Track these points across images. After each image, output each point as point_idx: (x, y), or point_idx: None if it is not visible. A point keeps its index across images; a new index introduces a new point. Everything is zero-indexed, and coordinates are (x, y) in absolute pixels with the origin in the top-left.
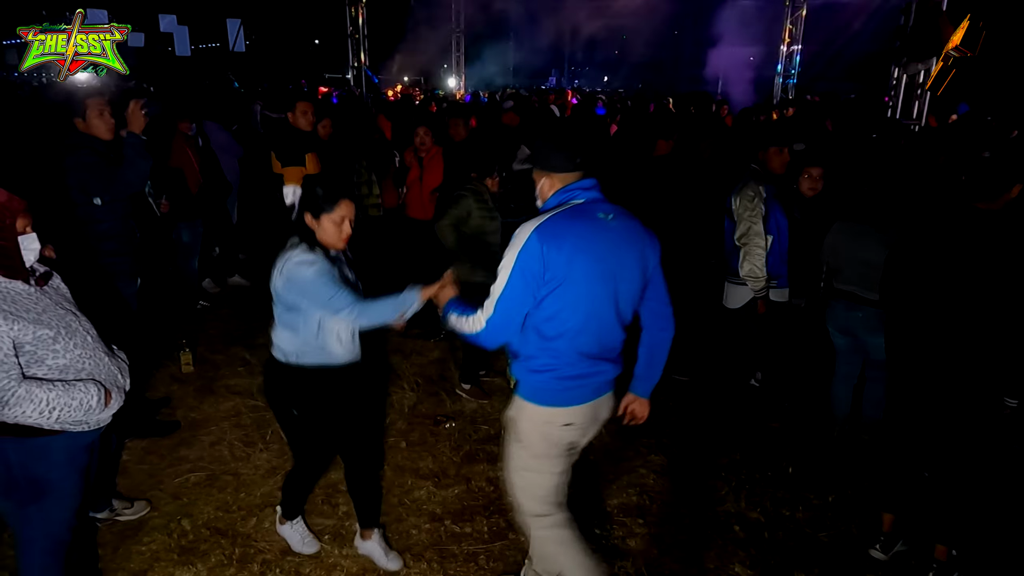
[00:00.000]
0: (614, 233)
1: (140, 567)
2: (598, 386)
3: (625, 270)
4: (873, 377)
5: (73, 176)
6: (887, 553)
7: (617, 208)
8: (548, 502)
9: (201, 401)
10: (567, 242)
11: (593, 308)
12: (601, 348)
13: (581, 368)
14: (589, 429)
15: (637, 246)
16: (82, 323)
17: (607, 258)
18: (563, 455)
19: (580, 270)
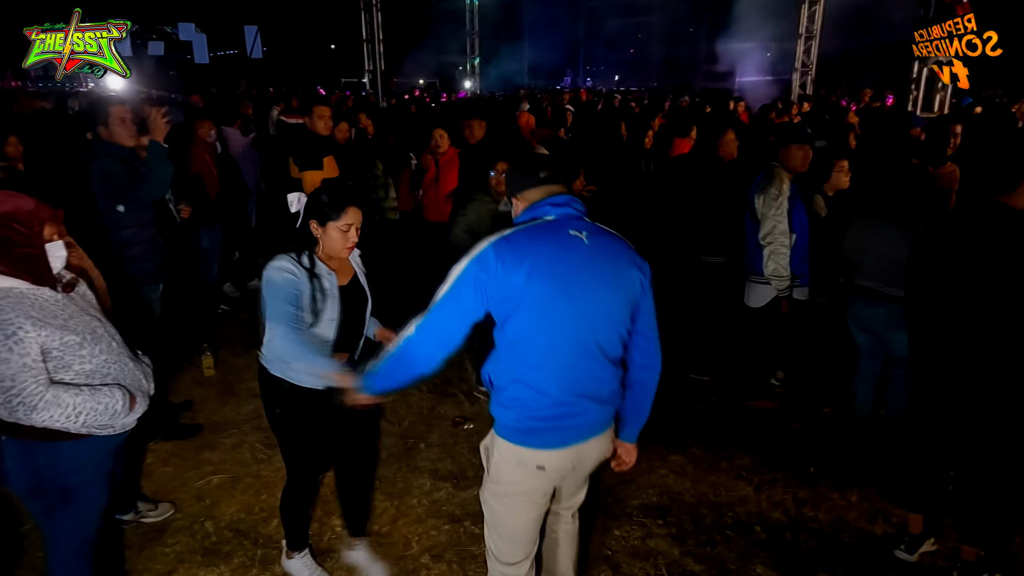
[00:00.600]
0: (588, 253)
1: (165, 568)
2: (578, 428)
3: (603, 293)
4: (896, 375)
5: (97, 183)
6: (913, 553)
7: (595, 226)
8: (515, 544)
9: (223, 404)
10: (526, 260)
11: (559, 337)
12: (577, 384)
13: (553, 406)
14: (572, 476)
15: (618, 268)
16: (107, 329)
17: (576, 281)
18: (537, 501)
19: (538, 292)
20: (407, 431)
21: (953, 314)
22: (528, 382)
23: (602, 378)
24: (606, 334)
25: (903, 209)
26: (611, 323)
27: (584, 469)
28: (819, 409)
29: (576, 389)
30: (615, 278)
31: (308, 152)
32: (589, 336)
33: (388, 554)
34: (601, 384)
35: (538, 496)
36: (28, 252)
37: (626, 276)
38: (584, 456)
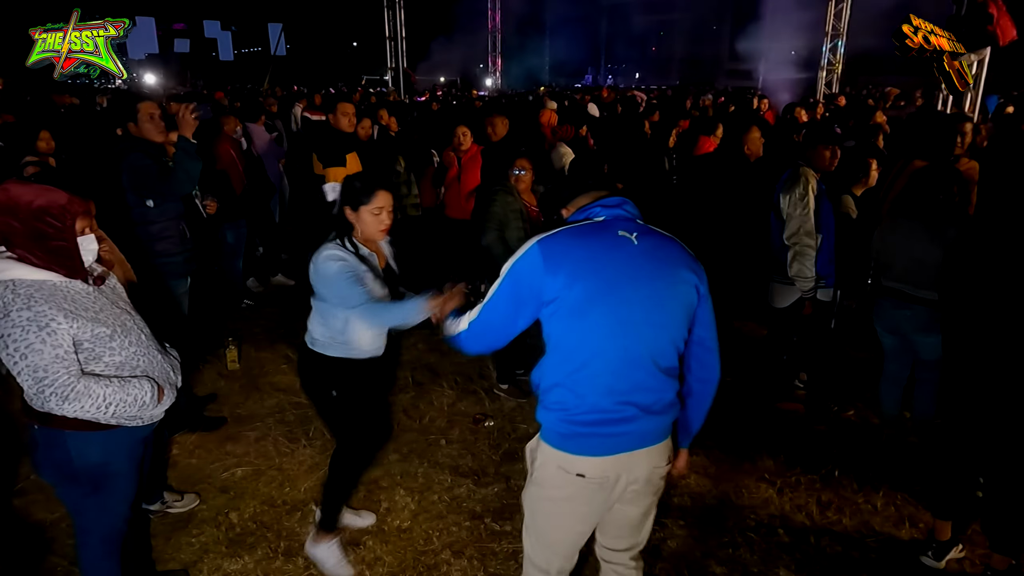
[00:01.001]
0: (636, 255)
1: (190, 558)
2: (623, 437)
3: (653, 297)
4: (923, 378)
5: (127, 178)
6: (940, 560)
7: (647, 228)
8: (553, 553)
9: (246, 398)
10: (569, 260)
11: (602, 341)
12: (624, 391)
13: (594, 412)
14: (615, 491)
15: (671, 272)
16: (136, 322)
17: (622, 284)
18: (578, 512)
19: (580, 293)
20: (428, 427)
21: (988, 317)
22: (569, 386)
23: (651, 387)
24: (656, 341)
25: (933, 211)
26: (662, 329)
27: (635, 487)
28: (843, 411)
29: (620, 396)
30: (667, 283)
31: (331, 149)
32: (636, 342)
33: (408, 549)
34: (649, 393)
35: (580, 507)
36: (61, 245)
37: (680, 280)
38: (632, 468)
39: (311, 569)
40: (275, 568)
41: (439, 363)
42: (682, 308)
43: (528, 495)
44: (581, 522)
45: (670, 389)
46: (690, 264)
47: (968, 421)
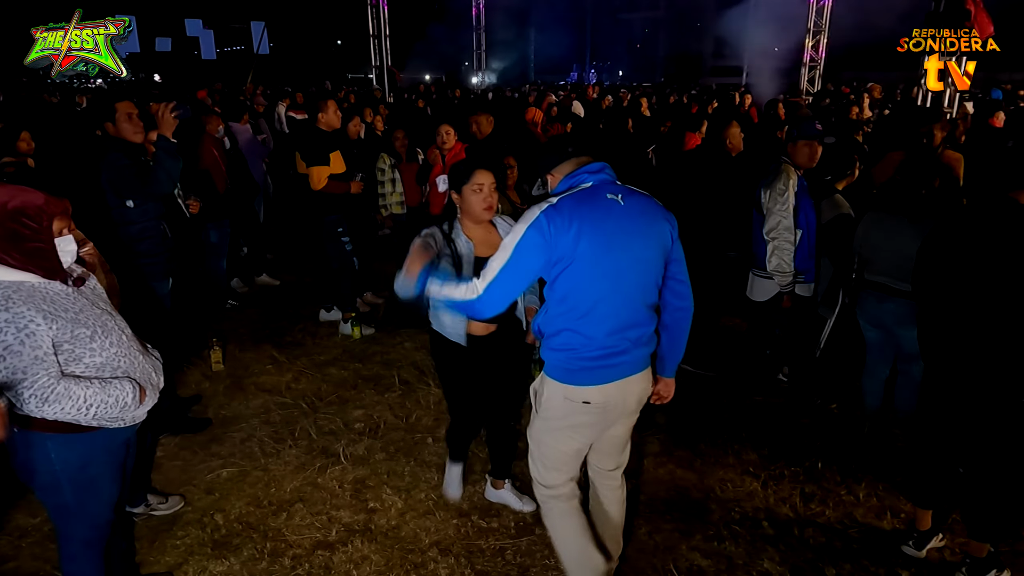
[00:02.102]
0: (624, 214)
1: (175, 560)
2: (621, 366)
3: (640, 248)
4: (905, 370)
5: (106, 179)
6: (921, 549)
7: (627, 188)
8: (558, 472)
9: (231, 399)
10: (574, 223)
11: (607, 288)
12: (621, 328)
13: (599, 349)
14: (615, 410)
15: (652, 223)
16: (117, 322)
17: (619, 237)
18: (580, 432)
19: (588, 250)
20: (414, 425)
21: (961, 309)
22: (576, 329)
23: (640, 322)
24: (644, 283)
25: (915, 204)
26: (648, 273)
27: (629, 404)
28: (826, 404)
29: (619, 333)
30: (649, 233)
31: (314, 147)
32: (631, 285)
33: (396, 548)
34: (639, 328)
35: (583, 429)
36: (38, 246)
37: (658, 229)
38: (627, 392)
39: (297, 569)
40: (261, 569)
41: (425, 361)
42: (661, 252)
43: (535, 428)
44: (580, 441)
45: (652, 322)
46: (664, 215)
47: (946, 411)
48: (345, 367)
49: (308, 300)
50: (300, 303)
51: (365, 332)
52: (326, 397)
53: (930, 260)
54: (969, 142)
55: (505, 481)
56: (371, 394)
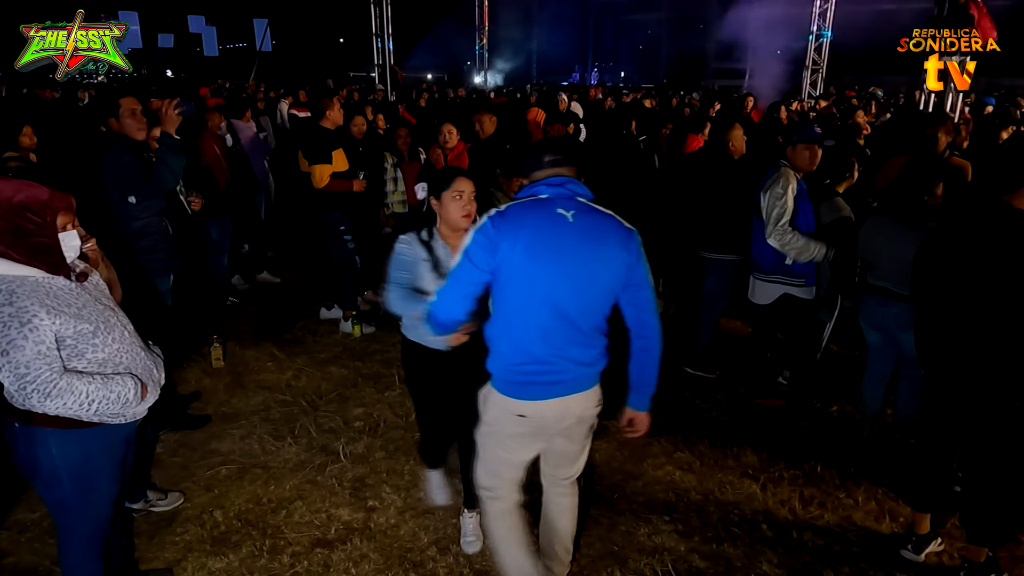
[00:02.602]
0: (571, 232)
1: (174, 557)
2: (558, 384)
3: (582, 268)
4: (906, 374)
5: (109, 175)
6: (919, 553)
7: (586, 206)
8: (497, 477)
9: (231, 395)
10: (519, 232)
11: (542, 303)
12: (556, 346)
13: (535, 364)
14: (552, 427)
15: (601, 246)
16: (119, 318)
17: (560, 253)
18: (518, 442)
19: (527, 262)
20: (414, 424)
21: (957, 313)
22: (513, 340)
23: (580, 342)
24: (584, 305)
25: (917, 211)
26: (589, 296)
27: (568, 425)
28: (826, 408)
29: (555, 351)
30: (596, 255)
31: (317, 145)
32: (569, 305)
33: (395, 546)
34: (579, 348)
35: (521, 440)
36: (42, 241)
37: (607, 253)
38: (565, 411)
39: (296, 567)
40: (260, 566)
41: None
42: (608, 278)
43: (479, 432)
44: (519, 453)
45: (595, 345)
46: (621, 240)
47: (944, 415)
48: (345, 365)
49: (309, 298)
50: (301, 301)
51: (365, 330)
52: (326, 395)
53: (926, 264)
54: (971, 147)
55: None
56: (371, 392)
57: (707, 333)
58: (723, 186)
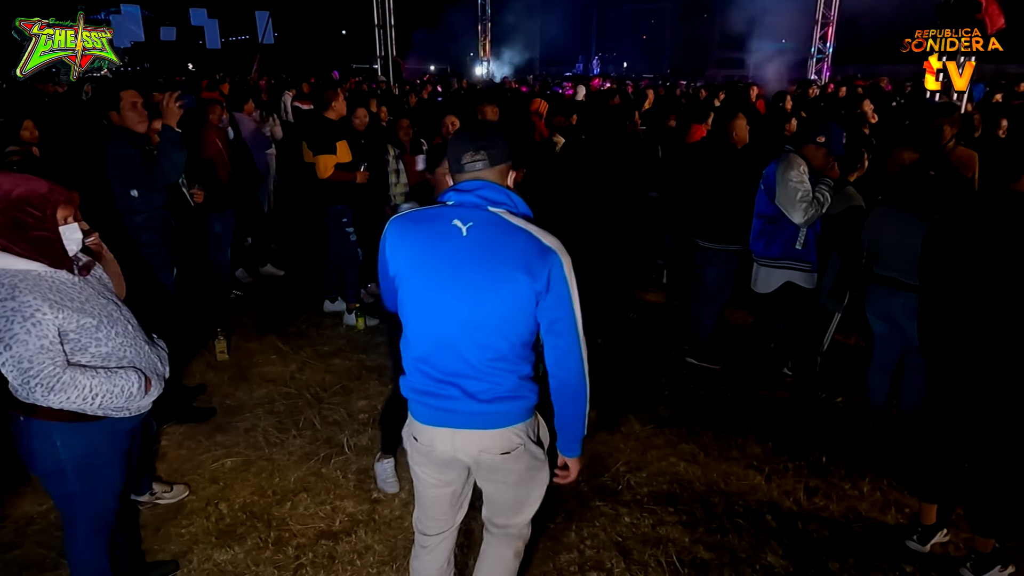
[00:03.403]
0: (460, 247)
1: (180, 549)
2: (447, 413)
3: (472, 293)
4: (912, 364)
5: (110, 168)
6: (925, 544)
7: (490, 218)
8: (422, 515)
9: (236, 388)
10: (407, 243)
11: (419, 323)
12: (447, 373)
13: (422, 382)
14: (447, 462)
15: (495, 266)
16: (123, 312)
17: (446, 274)
18: (424, 473)
19: (411, 275)
20: None
21: (964, 303)
22: (407, 354)
23: (475, 375)
24: (471, 334)
25: (924, 199)
26: (478, 324)
27: (462, 462)
28: (831, 398)
29: (443, 376)
30: (489, 278)
31: (321, 136)
32: (451, 330)
33: (399, 538)
34: (474, 381)
35: (424, 469)
36: (42, 235)
37: (504, 277)
38: (461, 446)
39: (301, 559)
40: (265, 558)
41: None
42: (506, 304)
43: None
44: (431, 486)
45: (503, 381)
46: (523, 262)
47: (950, 406)
48: (349, 358)
49: (312, 290)
50: (304, 294)
51: (369, 323)
52: (330, 387)
53: (934, 253)
54: (983, 137)
55: None
56: (375, 385)
57: (710, 324)
58: (726, 176)
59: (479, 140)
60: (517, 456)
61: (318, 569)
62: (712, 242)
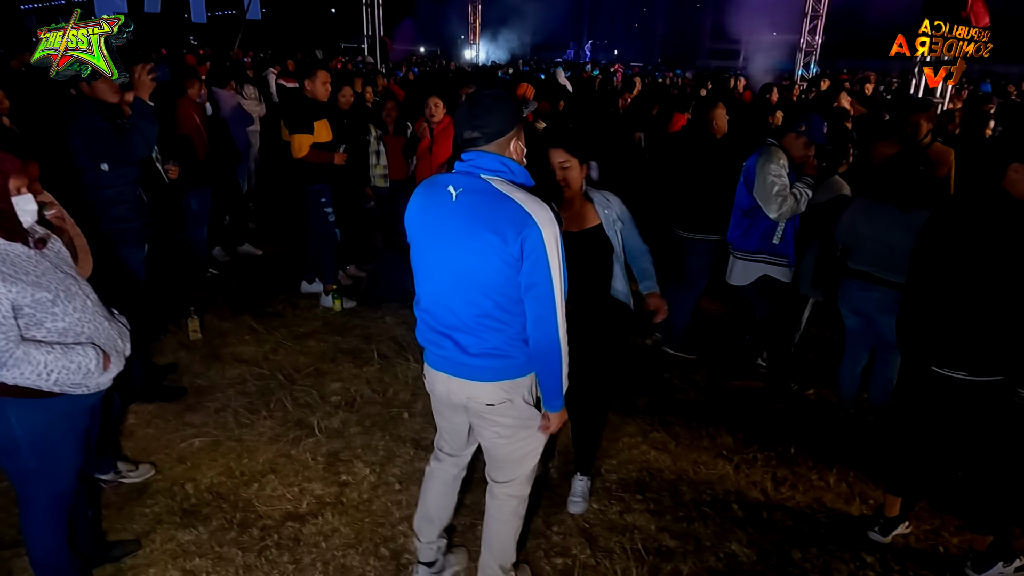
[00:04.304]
0: (450, 211)
1: (143, 528)
2: (443, 360)
3: (454, 250)
4: (883, 358)
5: (79, 141)
6: (886, 535)
7: (481, 185)
8: (440, 436)
9: (208, 368)
10: (414, 207)
11: (430, 279)
12: (442, 324)
13: (426, 333)
14: (445, 402)
15: (474, 230)
16: (82, 287)
17: (443, 233)
18: (438, 407)
19: (416, 236)
20: (391, 400)
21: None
22: (416, 307)
23: (465, 329)
24: (461, 292)
25: (905, 194)
26: (465, 284)
27: (464, 408)
28: (803, 390)
29: (440, 328)
30: (469, 238)
31: (299, 115)
32: (445, 285)
33: (366, 521)
34: (465, 335)
35: (439, 407)
36: None
37: (481, 238)
38: (452, 390)
39: (266, 540)
40: (230, 539)
41: (405, 336)
42: (485, 265)
43: None
44: (443, 419)
45: (489, 337)
46: (501, 228)
47: (927, 401)
48: (324, 340)
49: (291, 271)
50: (282, 274)
51: (346, 305)
52: (304, 369)
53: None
54: (962, 134)
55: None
56: (349, 367)
57: (687, 314)
58: (704, 166)
59: (473, 119)
60: (503, 411)
61: (283, 551)
62: (690, 232)
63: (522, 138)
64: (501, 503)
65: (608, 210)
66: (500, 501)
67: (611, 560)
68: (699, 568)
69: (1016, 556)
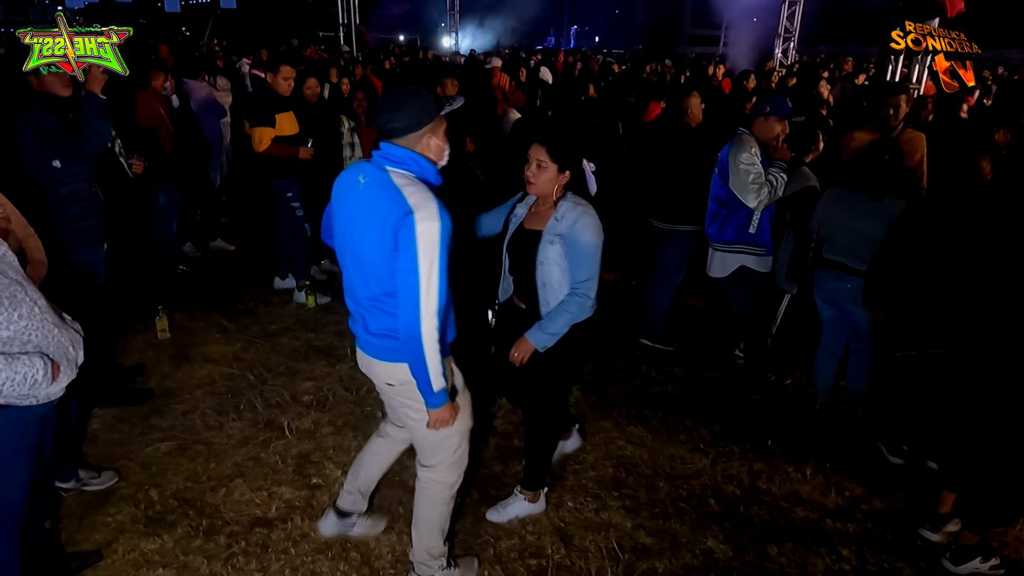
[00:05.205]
0: (354, 197)
1: (105, 538)
2: (357, 338)
3: (353, 236)
4: (857, 348)
5: (29, 137)
6: (937, 531)
7: (379, 175)
8: None
9: (176, 369)
10: (334, 194)
11: (343, 262)
12: (353, 301)
13: (350, 310)
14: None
15: (368, 217)
16: (29, 293)
17: (347, 220)
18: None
19: (334, 222)
20: (364, 399)
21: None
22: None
23: (366, 310)
24: (356, 273)
25: (878, 185)
26: (363, 268)
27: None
28: (781, 380)
29: (352, 305)
30: (363, 225)
31: (260, 107)
32: (349, 268)
33: None
34: (368, 316)
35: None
36: None
37: (367, 231)
38: (365, 365)
39: (233, 547)
40: (195, 547)
41: None
42: (371, 252)
43: None
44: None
45: (383, 319)
46: (381, 219)
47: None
48: (297, 337)
49: (263, 267)
50: (255, 270)
51: (320, 301)
52: (275, 368)
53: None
54: (936, 121)
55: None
56: (322, 365)
57: (665, 305)
58: (680, 155)
59: (385, 113)
60: (404, 392)
61: (250, 558)
62: (666, 222)
63: (440, 134)
64: (423, 486)
65: (557, 222)
66: (423, 484)
67: (586, 560)
68: (675, 565)
69: (994, 554)
